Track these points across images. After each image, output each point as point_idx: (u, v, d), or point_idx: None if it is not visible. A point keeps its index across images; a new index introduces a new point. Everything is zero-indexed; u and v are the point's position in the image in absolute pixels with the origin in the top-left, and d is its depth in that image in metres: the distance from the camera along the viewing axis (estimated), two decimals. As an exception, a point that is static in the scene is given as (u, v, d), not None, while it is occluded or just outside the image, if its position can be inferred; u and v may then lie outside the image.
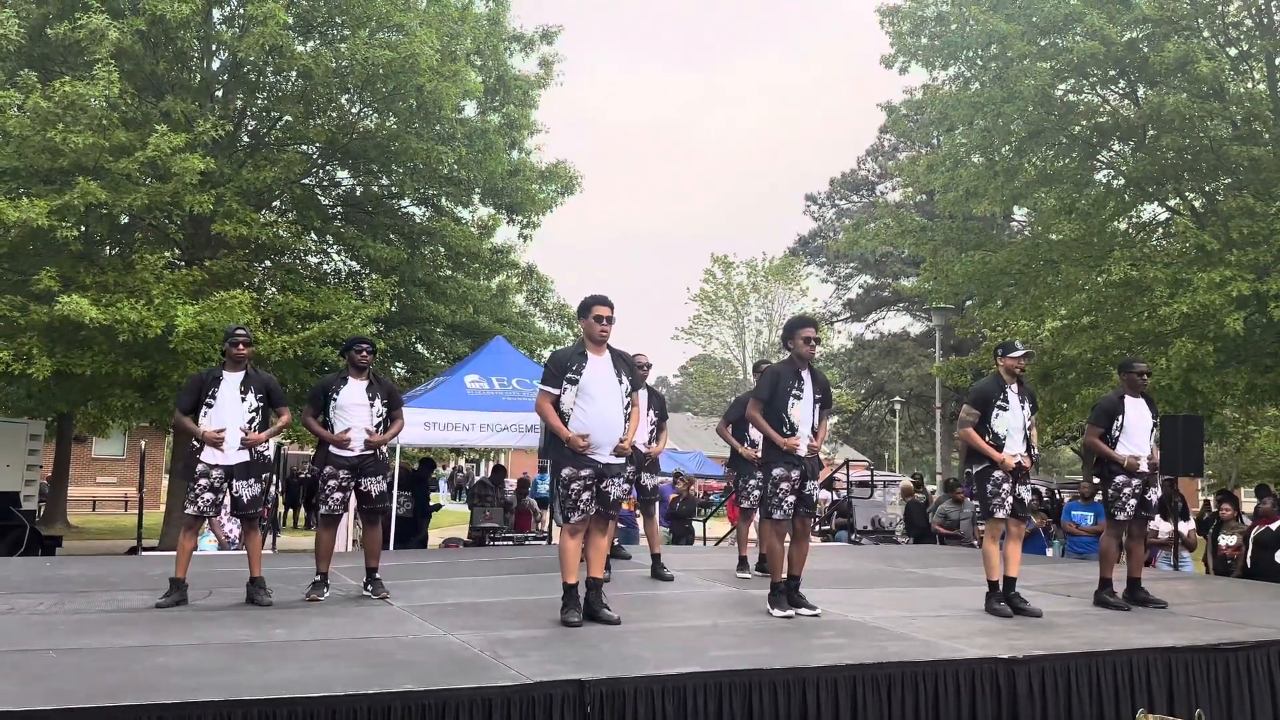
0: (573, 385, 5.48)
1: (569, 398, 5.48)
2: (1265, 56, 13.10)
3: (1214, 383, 12.59)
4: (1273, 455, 22.91)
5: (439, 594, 6.73)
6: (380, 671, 4.25)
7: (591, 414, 5.46)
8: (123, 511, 27.32)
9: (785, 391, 6.00)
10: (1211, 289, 11.50)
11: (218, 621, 5.50)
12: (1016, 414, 6.41)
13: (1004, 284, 15.38)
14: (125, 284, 12.66)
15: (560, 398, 5.49)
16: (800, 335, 6.09)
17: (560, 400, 5.50)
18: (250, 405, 6.22)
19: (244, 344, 6.24)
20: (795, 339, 6.11)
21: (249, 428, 6.21)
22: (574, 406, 5.47)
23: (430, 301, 15.91)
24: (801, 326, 6.16)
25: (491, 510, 13.02)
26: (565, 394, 5.48)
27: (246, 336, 6.30)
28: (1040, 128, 13.63)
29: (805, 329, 6.14)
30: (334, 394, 6.42)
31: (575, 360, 5.54)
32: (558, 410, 5.50)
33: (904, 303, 37.59)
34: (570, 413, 5.48)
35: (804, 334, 6.09)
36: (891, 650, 4.97)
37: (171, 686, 3.88)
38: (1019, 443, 6.40)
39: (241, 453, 6.20)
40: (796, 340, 6.10)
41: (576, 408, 5.47)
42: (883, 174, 38.27)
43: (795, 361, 6.10)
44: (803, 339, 6.08)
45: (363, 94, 14.09)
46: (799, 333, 6.11)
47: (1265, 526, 9.83)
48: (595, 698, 4.08)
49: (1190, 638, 5.52)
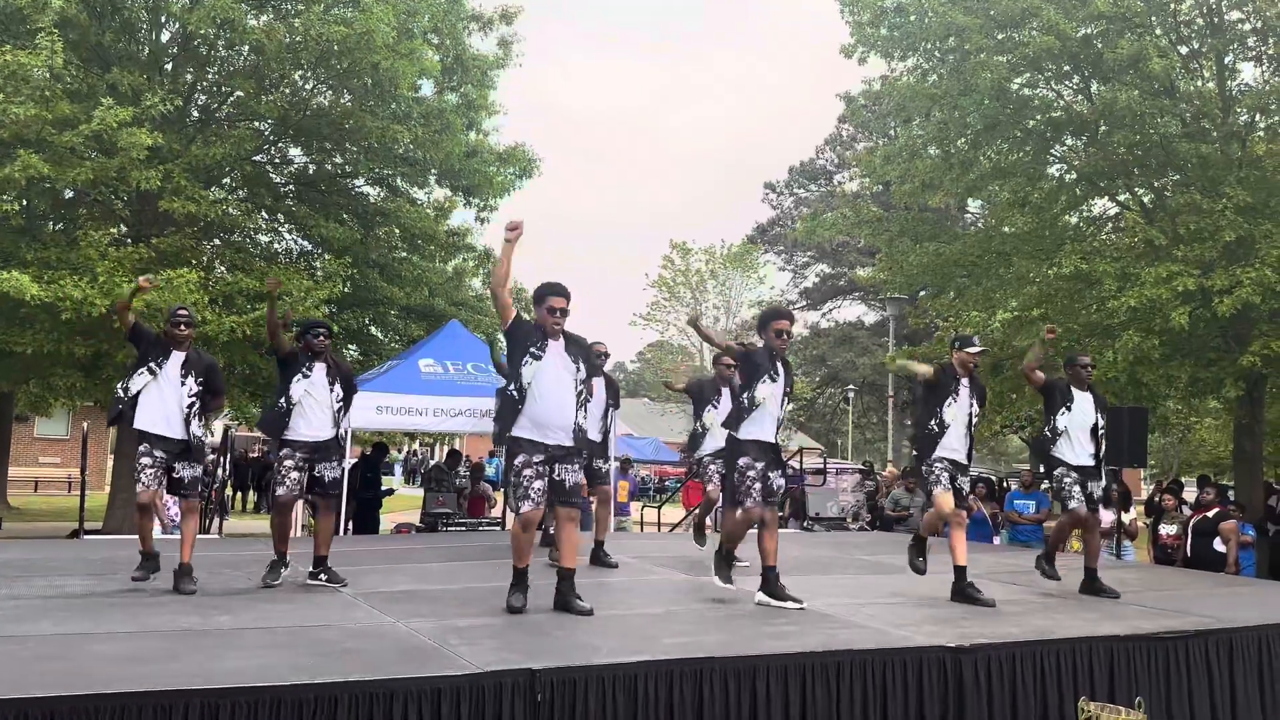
0: (535, 360, 5.37)
1: (529, 371, 5.36)
2: (1215, 55, 13.34)
3: (1159, 375, 12.85)
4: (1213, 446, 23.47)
5: (389, 581, 6.66)
6: (327, 660, 4.19)
7: (544, 398, 5.37)
8: (66, 493, 26.72)
9: (760, 368, 5.96)
10: (1158, 283, 11.72)
11: (161, 608, 5.39)
12: (964, 407, 6.51)
13: (957, 275, 15.54)
14: (69, 261, 12.34)
15: (521, 370, 5.36)
16: (773, 327, 6.04)
17: (521, 372, 5.36)
18: (190, 390, 6.11)
19: (185, 324, 6.13)
20: (768, 330, 6.05)
21: (187, 412, 6.09)
22: (530, 383, 5.36)
23: (384, 283, 15.71)
24: (776, 318, 6.09)
25: (445, 495, 12.93)
26: (526, 367, 5.36)
27: (188, 317, 6.20)
28: (996, 121, 13.76)
29: (778, 321, 6.07)
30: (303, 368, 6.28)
31: (537, 337, 5.44)
32: (518, 382, 5.36)
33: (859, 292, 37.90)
34: (529, 388, 5.36)
35: (775, 326, 6.04)
36: (841, 638, 5.01)
37: (111, 676, 3.79)
38: (962, 436, 6.48)
39: (180, 434, 6.07)
40: (769, 331, 6.04)
41: (533, 387, 5.36)
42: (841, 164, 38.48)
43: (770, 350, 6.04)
44: (774, 331, 6.03)
45: (317, 70, 13.84)
46: (771, 324, 6.05)
47: (1203, 515, 10.09)
48: (546, 686, 4.06)
49: (1132, 626, 5.63)
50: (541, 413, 5.37)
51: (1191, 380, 13.20)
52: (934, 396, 6.56)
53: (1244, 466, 13.84)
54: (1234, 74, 13.70)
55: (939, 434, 6.45)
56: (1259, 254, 11.69)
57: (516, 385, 5.39)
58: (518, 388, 5.38)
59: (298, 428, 6.26)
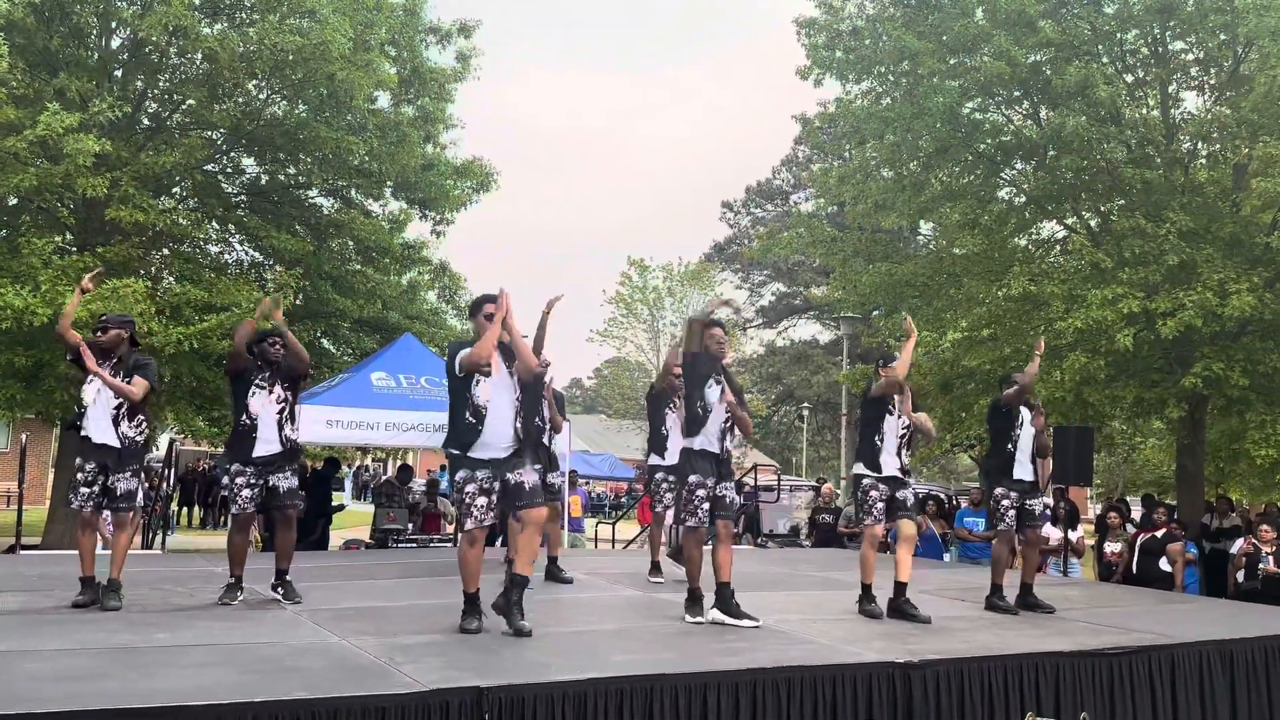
0: (486, 378, 5.26)
1: (482, 391, 5.25)
2: (1159, 84, 13.70)
3: (1104, 395, 13.09)
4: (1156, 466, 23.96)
5: (335, 598, 6.54)
6: (269, 679, 4.09)
7: (490, 412, 5.26)
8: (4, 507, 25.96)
9: (704, 376, 5.93)
10: (1104, 305, 11.95)
11: (97, 625, 5.23)
12: (897, 420, 6.60)
13: (909, 295, 15.74)
14: (10, 268, 12.03)
15: (473, 389, 5.25)
16: (708, 334, 5.98)
17: (474, 393, 5.24)
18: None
19: (101, 330, 6.00)
20: (707, 338, 5.99)
21: (118, 413, 5.94)
22: (489, 402, 5.25)
23: (337, 296, 15.52)
24: (710, 327, 6.04)
25: (395, 511, 12.76)
26: (479, 385, 5.25)
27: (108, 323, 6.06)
28: (947, 144, 13.99)
29: (713, 329, 6.02)
30: (256, 380, 6.19)
31: None
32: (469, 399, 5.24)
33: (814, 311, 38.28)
34: (485, 407, 5.25)
35: (711, 333, 5.99)
36: (792, 654, 5.01)
37: (45, 696, 3.67)
38: (895, 449, 6.55)
39: (111, 439, 5.91)
40: (708, 339, 5.98)
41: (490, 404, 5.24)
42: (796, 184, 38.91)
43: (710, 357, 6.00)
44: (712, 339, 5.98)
45: (271, 80, 13.69)
46: (706, 331, 6.00)
47: (1151, 534, 10.27)
48: (494, 705, 4.00)
49: (1077, 642, 5.71)
50: (487, 427, 5.25)
51: (1136, 401, 13.47)
52: (875, 410, 6.64)
53: (1186, 486, 14.13)
54: (1178, 102, 14.08)
55: (881, 448, 6.52)
56: (1201, 278, 11.97)
57: (471, 407, 5.25)
58: (472, 409, 5.24)
59: (251, 446, 6.15)
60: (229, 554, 6.32)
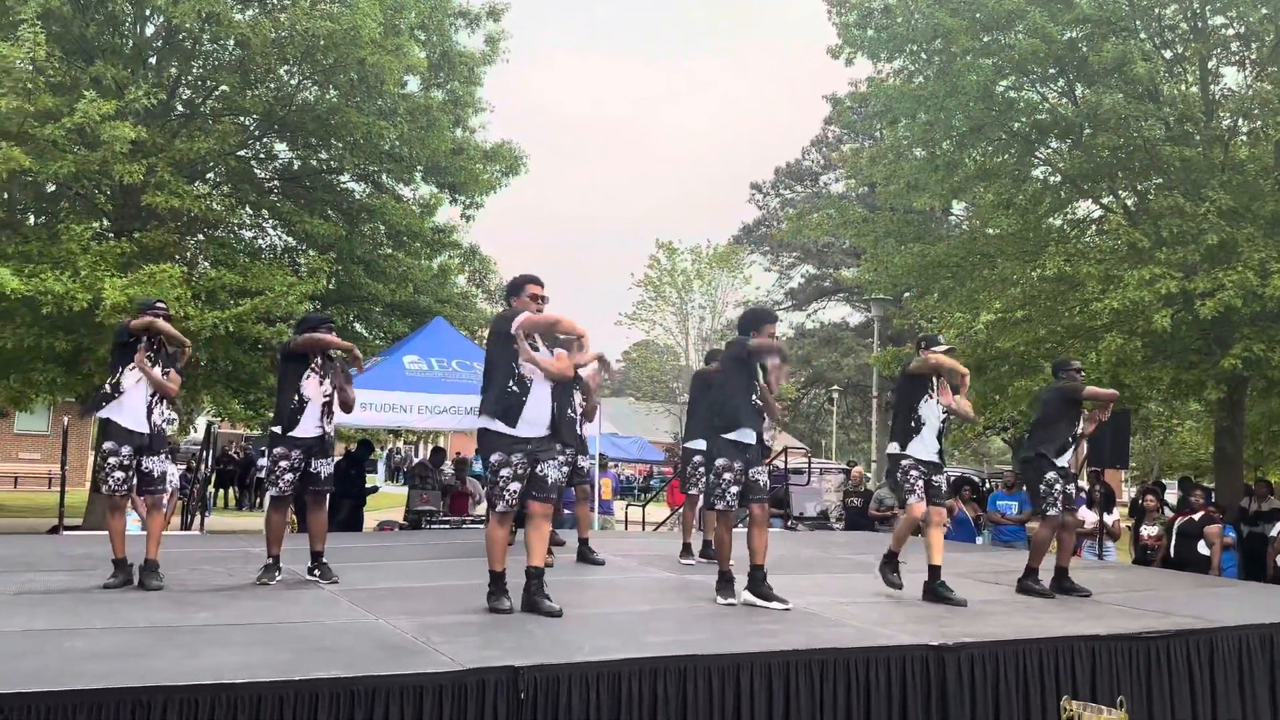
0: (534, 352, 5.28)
1: (529, 367, 5.27)
2: (1199, 60, 13.43)
3: (1141, 377, 12.92)
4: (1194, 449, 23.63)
5: (371, 578, 6.61)
6: (308, 657, 4.15)
7: (529, 393, 5.27)
8: (46, 489, 26.49)
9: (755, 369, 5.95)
10: (1141, 286, 11.78)
11: (139, 604, 5.33)
12: (936, 405, 6.55)
13: (941, 277, 15.59)
14: (50, 254, 12.21)
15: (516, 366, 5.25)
16: (766, 331, 6.03)
17: (519, 362, 5.25)
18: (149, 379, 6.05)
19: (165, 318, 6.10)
20: (761, 333, 6.03)
21: (152, 401, 6.04)
22: (533, 380, 5.27)
23: (369, 280, 15.63)
24: (767, 322, 6.09)
25: (429, 493, 12.87)
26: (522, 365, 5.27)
27: (165, 311, 6.16)
28: (981, 123, 13.81)
29: (768, 325, 6.07)
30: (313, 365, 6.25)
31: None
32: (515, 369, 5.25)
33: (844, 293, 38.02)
34: (531, 382, 5.28)
35: (767, 331, 6.04)
36: (824, 636, 5.01)
37: (89, 672, 3.74)
38: (934, 433, 6.50)
39: (144, 426, 6.01)
40: (761, 334, 6.02)
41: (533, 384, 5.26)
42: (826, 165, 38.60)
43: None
44: (767, 335, 6.03)
45: (302, 65, 13.76)
46: (764, 328, 6.04)
47: (1189, 517, 10.15)
48: (529, 684, 4.03)
49: (1114, 626, 5.66)
50: (530, 399, 5.27)
51: (1173, 382, 13.28)
52: (913, 391, 6.59)
53: (1224, 468, 13.94)
54: (1217, 78, 13.80)
55: (916, 430, 6.49)
56: (1241, 257, 11.76)
57: (515, 376, 5.27)
58: (517, 378, 5.26)
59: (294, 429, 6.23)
60: (267, 534, 6.41)
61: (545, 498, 5.33)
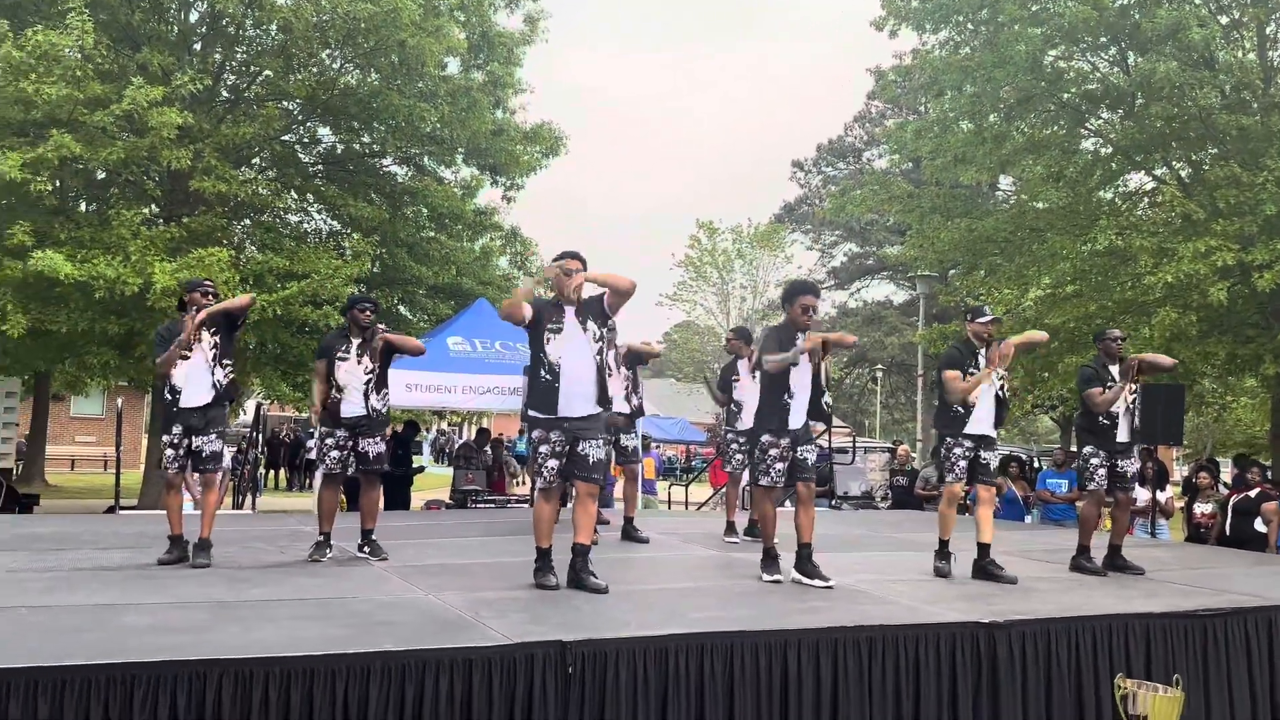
0: (556, 335, 5.28)
1: (554, 349, 5.29)
2: (1256, 25, 13.03)
3: (1195, 353, 12.63)
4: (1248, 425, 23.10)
5: (420, 555, 6.69)
6: (360, 632, 4.20)
7: (567, 371, 5.27)
8: (102, 471, 27.14)
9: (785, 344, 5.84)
10: (1196, 259, 11.49)
11: (194, 581, 5.43)
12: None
13: (989, 252, 15.34)
14: (101, 240, 12.46)
15: (546, 349, 5.30)
16: (799, 303, 5.91)
17: (546, 350, 5.30)
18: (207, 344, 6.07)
19: (213, 295, 6.15)
20: (793, 306, 5.94)
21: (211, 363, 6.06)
22: (560, 359, 5.29)
23: (412, 263, 15.76)
24: (802, 293, 5.97)
25: (474, 472, 12.99)
26: (550, 345, 5.29)
27: (213, 288, 6.22)
28: (1029, 94, 13.53)
29: (804, 296, 5.95)
30: (339, 353, 6.32)
31: (552, 311, 5.35)
32: (543, 358, 5.29)
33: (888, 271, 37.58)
34: (559, 363, 5.29)
35: (802, 302, 5.91)
36: (872, 613, 4.97)
37: (146, 646, 3.82)
38: (988, 409, 6.38)
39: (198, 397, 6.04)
40: (794, 307, 5.92)
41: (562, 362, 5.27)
42: (870, 140, 38.06)
43: (793, 328, 5.91)
44: (800, 308, 5.90)
45: (344, 49, 13.85)
46: (798, 299, 5.93)
47: (1244, 494, 9.92)
48: (577, 658, 4.05)
49: (1169, 604, 5.55)
50: (564, 386, 5.28)
51: (1229, 358, 12.97)
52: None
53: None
54: (1275, 44, 13.40)
55: (964, 413, 6.36)
56: (1301, 228, 11.44)
57: (545, 364, 5.30)
58: (547, 366, 5.29)
59: (339, 410, 6.31)
60: (318, 511, 6.49)
61: (588, 477, 5.33)
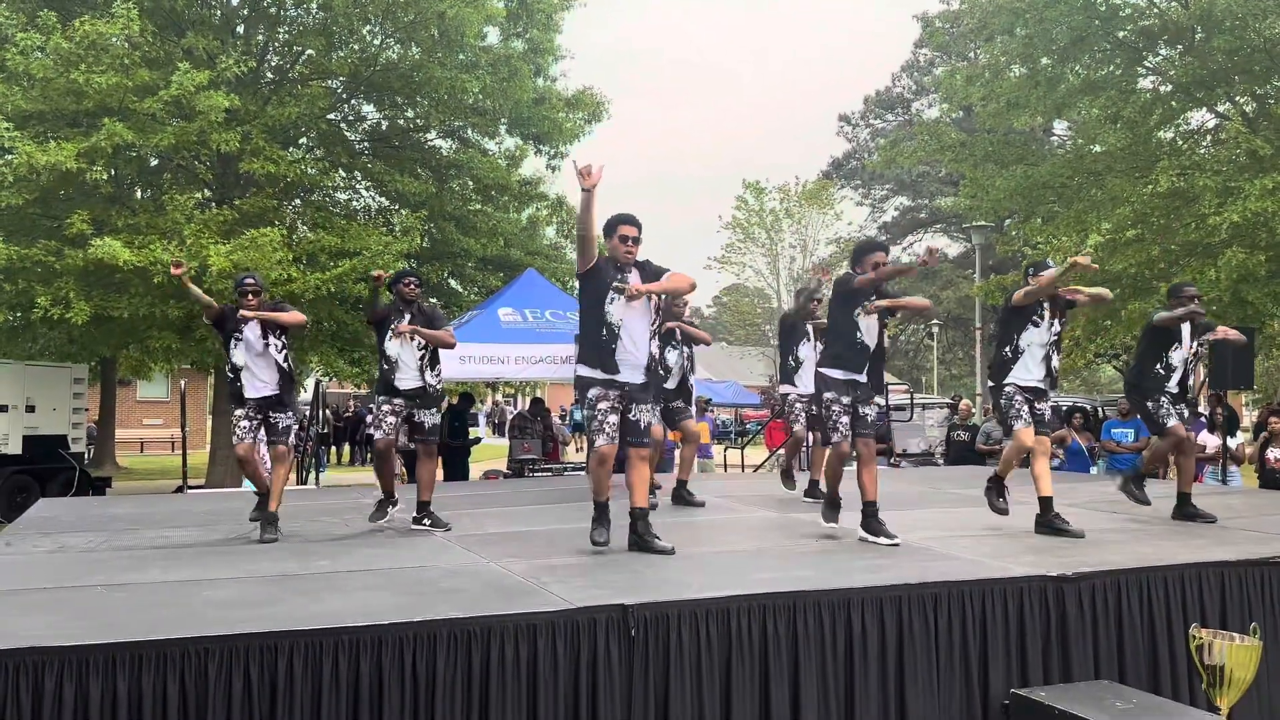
0: (619, 294, 5.29)
1: (616, 309, 5.30)
2: (1324, -52, 12.44)
3: (1265, 293, 12.23)
4: (1322, 368, 22.38)
5: (480, 524, 6.76)
6: (425, 600, 4.26)
7: (625, 333, 5.31)
8: (170, 452, 27.90)
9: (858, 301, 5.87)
10: (1264, 196, 11.09)
11: (263, 555, 5.55)
12: (1045, 331, 6.28)
13: (1046, 199, 14.95)
14: (157, 225, 12.69)
15: (608, 308, 5.30)
16: (869, 261, 5.92)
17: (608, 310, 5.30)
18: (275, 346, 6.26)
19: (252, 294, 6.24)
20: (864, 264, 5.93)
21: (278, 357, 6.25)
22: (623, 321, 5.31)
23: (460, 236, 15.82)
24: (872, 251, 5.99)
25: (530, 442, 13.09)
26: (613, 304, 5.30)
27: (255, 285, 6.30)
28: (1084, 34, 13.10)
29: (875, 254, 5.96)
30: (393, 327, 6.41)
31: (615, 273, 5.34)
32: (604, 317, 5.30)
33: (941, 224, 36.94)
34: (620, 324, 5.30)
35: (873, 259, 5.92)
36: (937, 570, 4.91)
37: (219, 619, 3.91)
38: (1039, 361, 6.25)
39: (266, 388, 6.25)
40: (865, 265, 5.92)
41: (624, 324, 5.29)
42: (919, 90, 37.27)
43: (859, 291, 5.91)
44: (871, 265, 5.90)
45: (384, 24, 13.86)
46: (867, 258, 5.93)
47: (1319, 438, 9.64)
48: (639, 621, 4.06)
49: (1242, 551, 5.40)
50: (620, 348, 5.31)
51: (1301, 298, 12.55)
52: (1015, 322, 6.33)
53: (1358, 387, 13.16)
54: (1345, -32, 12.76)
55: (1013, 360, 6.25)
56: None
57: (605, 324, 5.32)
58: (606, 326, 5.31)
59: (394, 382, 6.41)
60: (378, 476, 6.63)
61: (639, 441, 5.44)
